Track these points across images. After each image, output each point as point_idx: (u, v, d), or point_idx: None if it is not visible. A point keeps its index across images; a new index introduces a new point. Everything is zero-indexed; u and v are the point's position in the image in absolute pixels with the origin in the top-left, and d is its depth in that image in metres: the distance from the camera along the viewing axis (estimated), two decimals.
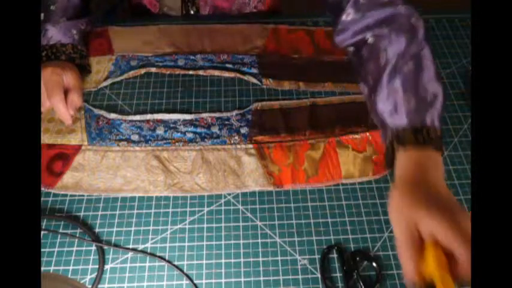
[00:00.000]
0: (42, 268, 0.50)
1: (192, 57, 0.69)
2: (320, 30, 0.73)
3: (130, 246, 0.52)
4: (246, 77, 0.67)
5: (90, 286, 0.48)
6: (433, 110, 0.46)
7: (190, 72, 0.67)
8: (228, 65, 0.68)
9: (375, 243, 0.52)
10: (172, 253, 0.51)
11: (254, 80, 0.66)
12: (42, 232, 0.52)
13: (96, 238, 0.52)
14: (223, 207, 0.55)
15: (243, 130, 0.60)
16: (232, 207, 0.55)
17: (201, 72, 0.67)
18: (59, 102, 0.57)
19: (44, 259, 0.50)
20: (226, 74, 0.67)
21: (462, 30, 0.75)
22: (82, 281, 0.49)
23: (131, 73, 0.67)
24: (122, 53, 0.69)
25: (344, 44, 0.54)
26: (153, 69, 0.67)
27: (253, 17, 0.76)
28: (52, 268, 0.50)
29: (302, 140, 0.59)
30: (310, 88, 0.66)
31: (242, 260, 0.51)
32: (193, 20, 0.75)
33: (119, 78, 0.66)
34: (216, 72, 0.67)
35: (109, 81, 0.66)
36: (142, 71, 0.67)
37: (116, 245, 0.51)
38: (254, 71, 0.68)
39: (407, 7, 0.50)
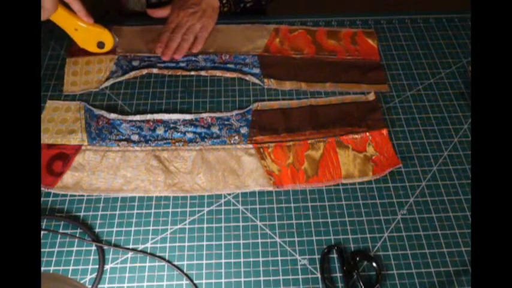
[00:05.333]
0: (42, 268, 0.50)
1: (193, 58, 0.69)
2: (321, 30, 0.73)
3: (130, 246, 0.52)
4: (247, 77, 0.67)
5: (90, 286, 0.48)
6: None
7: (192, 73, 0.67)
8: (229, 65, 0.68)
9: (375, 243, 0.52)
10: (172, 253, 0.51)
11: (256, 80, 0.66)
12: (42, 232, 0.52)
13: (96, 238, 0.52)
14: (223, 207, 0.55)
15: (243, 130, 0.60)
16: (232, 207, 0.55)
17: (203, 73, 0.67)
18: None
19: (44, 259, 0.50)
20: (228, 75, 0.67)
21: (462, 30, 0.75)
22: (82, 281, 0.49)
23: (133, 73, 0.67)
24: (124, 52, 0.69)
25: None
26: (155, 70, 0.67)
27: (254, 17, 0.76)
28: (52, 268, 0.50)
29: (302, 140, 0.59)
30: (312, 88, 0.66)
31: (242, 260, 0.51)
32: None
33: (120, 79, 0.66)
34: (218, 73, 0.67)
35: (111, 81, 0.66)
36: (144, 71, 0.67)
37: (116, 245, 0.51)
38: (256, 71, 0.68)
39: None
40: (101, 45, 0.66)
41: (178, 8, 0.70)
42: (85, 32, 0.64)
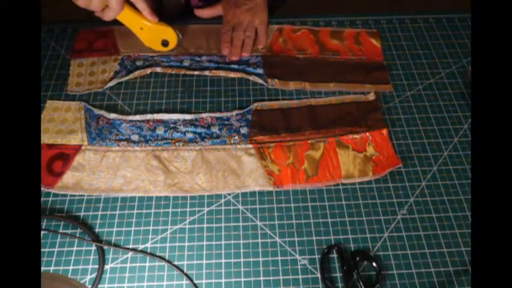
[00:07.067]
0: (42, 268, 0.50)
1: (197, 58, 0.69)
2: (325, 30, 0.73)
3: (130, 246, 0.52)
4: (251, 78, 0.67)
5: (90, 286, 0.48)
6: None
7: (196, 72, 0.67)
8: (233, 66, 0.68)
9: (375, 243, 0.52)
10: (172, 253, 0.51)
11: (259, 81, 0.66)
12: (42, 232, 0.52)
13: (96, 238, 0.52)
14: (223, 207, 0.55)
15: (243, 130, 0.60)
16: (232, 207, 0.55)
17: (206, 73, 0.67)
18: None
19: (44, 259, 0.50)
20: (232, 75, 0.67)
21: (462, 30, 0.75)
22: (82, 281, 0.49)
23: (137, 73, 0.66)
24: (127, 52, 0.69)
25: None
26: (159, 69, 0.67)
27: None
28: (52, 268, 0.50)
29: (302, 140, 0.59)
30: (316, 88, 0.66)
31: (242, 260, 0.51)
32: (197, 20, 0.74)
33: (125, 79, 0.66)
34: (222, 73, 0.67)
35: (115, 81, 0.66)
36: (148, 70, 0.67)
37: (116, 245, 0.51)
38: (259, 71, 0.67)
39: None
40: (165, 43, 0.66)
41: (232, 7, 0.71)
42: (150, 30, 0.64)
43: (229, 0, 0.72)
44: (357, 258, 0.50)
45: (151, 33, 0.64)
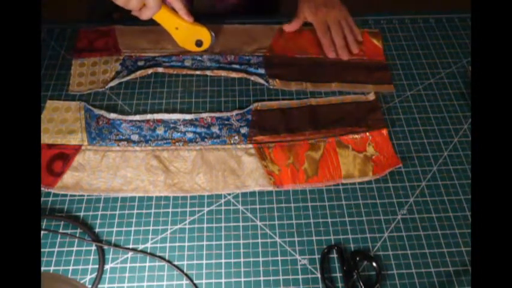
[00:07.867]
0: (42, 268, 0.50)
1: (198, 57, 0.69)
2: None
3: (130, 246, 0.52)
4: (252, 78, 0.67)
5: (90, 286, 0.48)
6: None
7: (197, 72, 0.67)
8: (234, 66, 0.68)
9: (375, 243, 0.52)
10: (172, 253, 0.51)
11: (261, 81, 0.66)
12: (42, 232, 0.52)
13: (96, 238, 0.52)
14: (223, 207, 0.55)
15: (243, 130, 0.60)
16: (232, 207, 0.55)
17: (208, 73, 0.67)
18: None
19: (44, 259, 0.50)
20: (233, 75, 0.67)
21: (462, 30, 0.75)
22: (82, 281, 0.49)
23: (138, 73, 0.66)
24: (128, 52, 0.69)
25: None
26: (160, 69, 0.67)
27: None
28: (52, 268, 0.50)
29: (302, 140, 0.59)
30: (317, 88, 0.66)
31: (242, 260, 0.51)
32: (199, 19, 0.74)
33: (126, 79, 0.66)
34: (223, 73, 0.67)
35: (116, 81, 0.66)
36: (150, 71, 0.67)
37: (116, 245, 0.51)
38: (261, 71, 0.67)
39: None
40: (199, 43, 0.66)
41: (321, 7, 0.71)
42: (185, 30, 0.64)
43: (310, 3, 0.72)
44: (357, 258, 0.50)
45: (186, 33, 0.64)
